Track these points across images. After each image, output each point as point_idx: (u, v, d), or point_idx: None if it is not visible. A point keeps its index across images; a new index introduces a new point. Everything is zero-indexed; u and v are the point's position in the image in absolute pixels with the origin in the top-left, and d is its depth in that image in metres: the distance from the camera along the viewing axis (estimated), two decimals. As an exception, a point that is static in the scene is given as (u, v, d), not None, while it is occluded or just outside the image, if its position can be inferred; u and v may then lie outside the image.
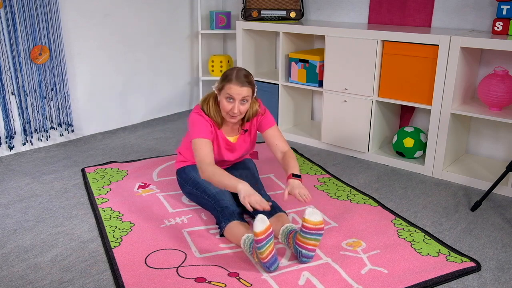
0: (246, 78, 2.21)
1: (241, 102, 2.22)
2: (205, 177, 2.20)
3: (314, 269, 1.99)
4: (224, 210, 2.23)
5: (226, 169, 2.56)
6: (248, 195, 2.05)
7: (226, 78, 2.22)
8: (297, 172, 2.24)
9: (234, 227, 2.15)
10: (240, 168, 2.57)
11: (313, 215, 1.96)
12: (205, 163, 2.22)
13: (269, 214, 2.22)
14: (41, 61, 3.25)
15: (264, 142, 3.59)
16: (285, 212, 2.27)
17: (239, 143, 2.45)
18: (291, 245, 2.07)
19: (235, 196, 2.43)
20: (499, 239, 2.27)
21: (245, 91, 2.20)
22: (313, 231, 1.96)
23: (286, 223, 2.17)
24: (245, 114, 2.35)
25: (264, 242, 1.89)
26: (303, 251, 1.99)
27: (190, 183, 2.46)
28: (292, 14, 3.68)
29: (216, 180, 2.16)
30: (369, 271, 1.99)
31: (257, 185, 2.43)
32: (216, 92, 2.31)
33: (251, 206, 2.04)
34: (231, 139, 2.42)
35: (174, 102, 4.33)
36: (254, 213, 2.22)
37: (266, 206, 2.04)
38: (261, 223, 1.88)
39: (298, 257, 2.02)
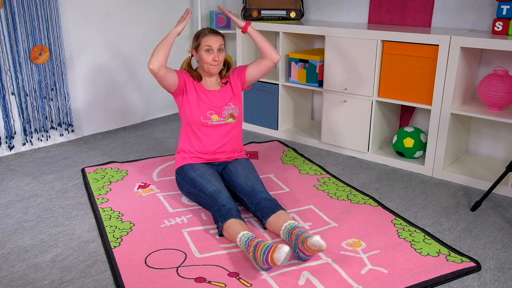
0: (216, 30, 2.51)
1: (219, 51, 2.47)
2: (151, 59, 2.33)
3: (314, 269, 2.00)
4: (221, 209, 2.25)
5: (222, 163, 2.64)
6: (177, 24, 2.41)
7: (200, 35, 2.48)
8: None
9: (231, 225, 2.17)
10: (236, 163, 2.61)
11: (317, 246, 1.96)
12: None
13: (271, 212, 2.25)
14: (41, 61, 3.25)
15: (263, 142, 3.59)
16: (285, 210, 2.30)
17: (221, 92, 2.59)
18: (292, 242, 2.08)
19: (232, 193, 2.48)
20: (499, 239, 2.27)
21: (220, 39, 2.48)
22: (312, 256, 2.05)
23: (288, 220, 2.20)
24: (223, 68, 2.59)
25: (271, 267, 1.96)
26: (301, 254, 2.03)
27: (188, 182, 2.48)
28: (292, 14, 3.68)
29: (157, 48, 2.34)
30: (369, 271, 1.99)
31: (250, 179, 2.46)
32: (191, 52, 2.56)
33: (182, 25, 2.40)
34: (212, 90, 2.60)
35: (174, 102, 4.32)
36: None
37: (188, 13, 2.43)
38: (284, 257, 1.89)
39: (296, 257, 2.06)
